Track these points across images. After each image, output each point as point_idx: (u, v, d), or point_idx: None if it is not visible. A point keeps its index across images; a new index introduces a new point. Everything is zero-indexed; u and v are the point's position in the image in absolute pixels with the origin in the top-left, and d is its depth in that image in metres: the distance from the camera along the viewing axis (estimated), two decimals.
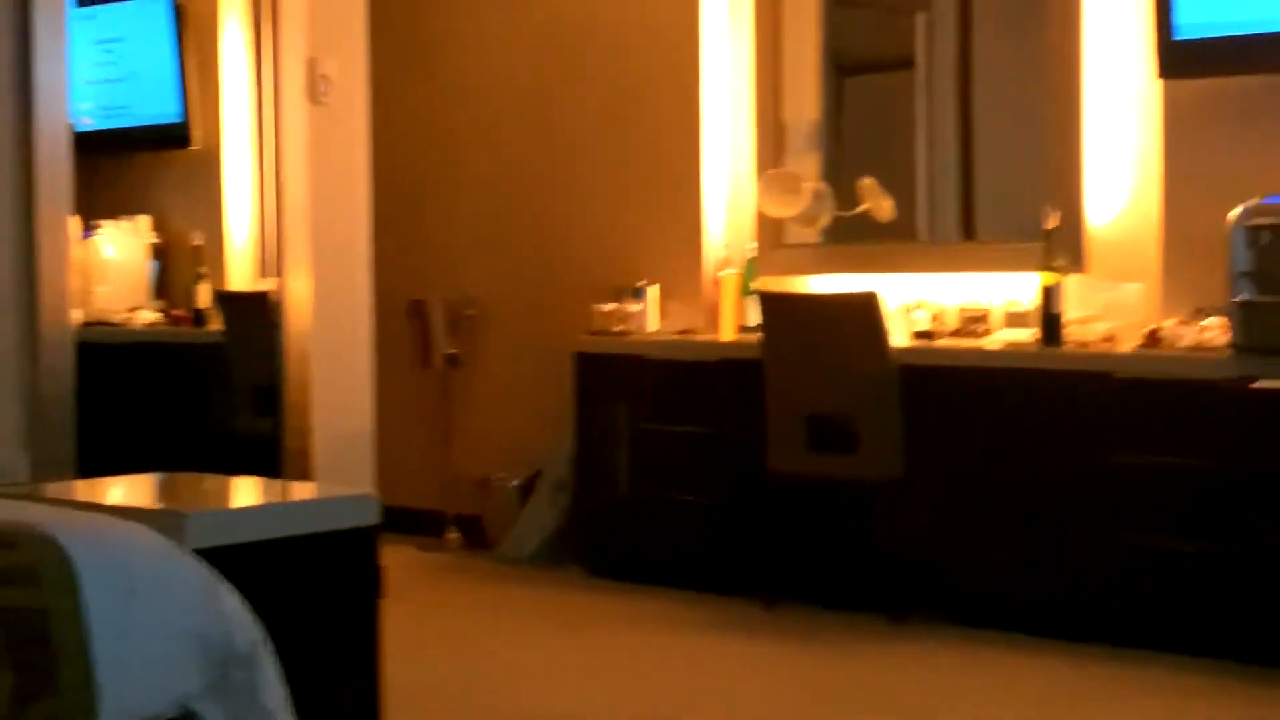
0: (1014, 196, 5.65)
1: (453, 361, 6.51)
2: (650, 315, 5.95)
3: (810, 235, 5.91)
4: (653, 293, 5.97)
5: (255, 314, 5.89)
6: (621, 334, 5.86)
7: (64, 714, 1.88)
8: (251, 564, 2.40)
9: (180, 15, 6.66)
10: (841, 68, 6.07)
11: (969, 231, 5.70)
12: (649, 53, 6.12)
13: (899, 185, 5.76)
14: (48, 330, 4.34)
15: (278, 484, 3.79)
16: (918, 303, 5.48)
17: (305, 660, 2.37)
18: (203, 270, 6.53)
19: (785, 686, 4.38)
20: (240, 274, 6.63)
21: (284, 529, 2.59)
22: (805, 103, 6.04)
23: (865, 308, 5.00)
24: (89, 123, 6.75)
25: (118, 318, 6.60)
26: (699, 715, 4.08)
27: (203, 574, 2.10)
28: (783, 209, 5.79)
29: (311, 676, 2.40)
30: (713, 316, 5.91)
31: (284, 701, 2.16)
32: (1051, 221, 5.09)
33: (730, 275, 5.81)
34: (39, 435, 4.31)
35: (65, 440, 4.39)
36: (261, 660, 2.13)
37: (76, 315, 4.77)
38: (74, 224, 4.84)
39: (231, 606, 2.11)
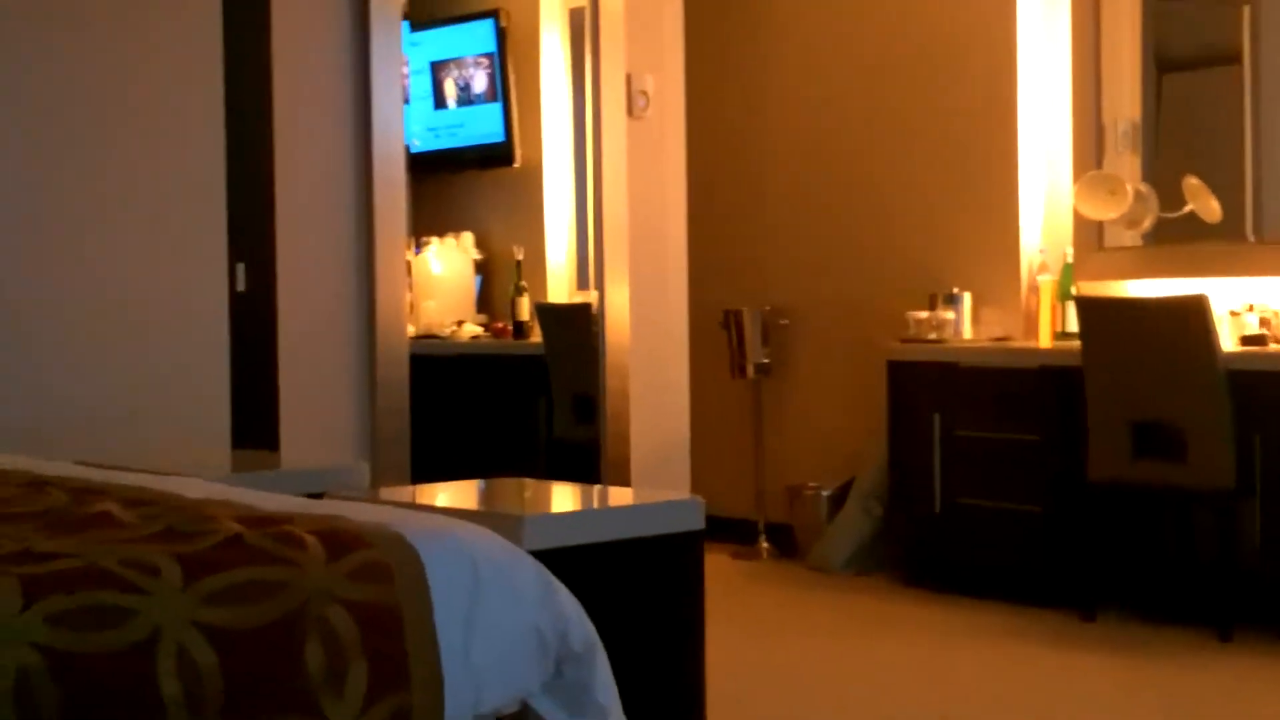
0: None
1: (765, 371, 6.56)
2: (964, 322, 5.89)
3: (1132, 238, 5.76)
4: (967, 299, 5.90)
5: (575, 325, 6.05)
6: (935, 341, 5.81)
7: (415, 708, 1.98)
8: (584, 566, 2.48)
9: (503, 37, 6.90)
10: (1160, 64, 5.90)
11: None
12: (964, 55, 6.06)
13: (1225, 185, 5.56)
14: (385, 344, 4.56)
15: (605, 489, 3.89)
16: (1248, 306, 5.28)
17: (634, 661, 2.44)
18: (523, 284, 6.75)
19: (1104, 700, 4.28)
20: (558, 287, 6.84)
21: (615, 532, 2.67)
22: (1125, 102, 5.88)
23: (1194, 311, 4.85)
24: (416, 144, 7.05)
25: (444, 331, 6.87)
26: None
27: (541, 574, 2.18)
28: (1103, 211, 5.66)
29: (640, 677, 2.47)
30: (1029, 323, 5.82)
31: (616, 700, 2.23)
32: None
33: (1048, 280, 5.70)
34: (378, 445, 4.53)
35: (402, 449, 4.60)
36: (596, 659, 2.20)
37: (407, 329, 4.98)
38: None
39: (568, 606, 2.19)
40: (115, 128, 4.04)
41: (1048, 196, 5.95)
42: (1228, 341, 5.10)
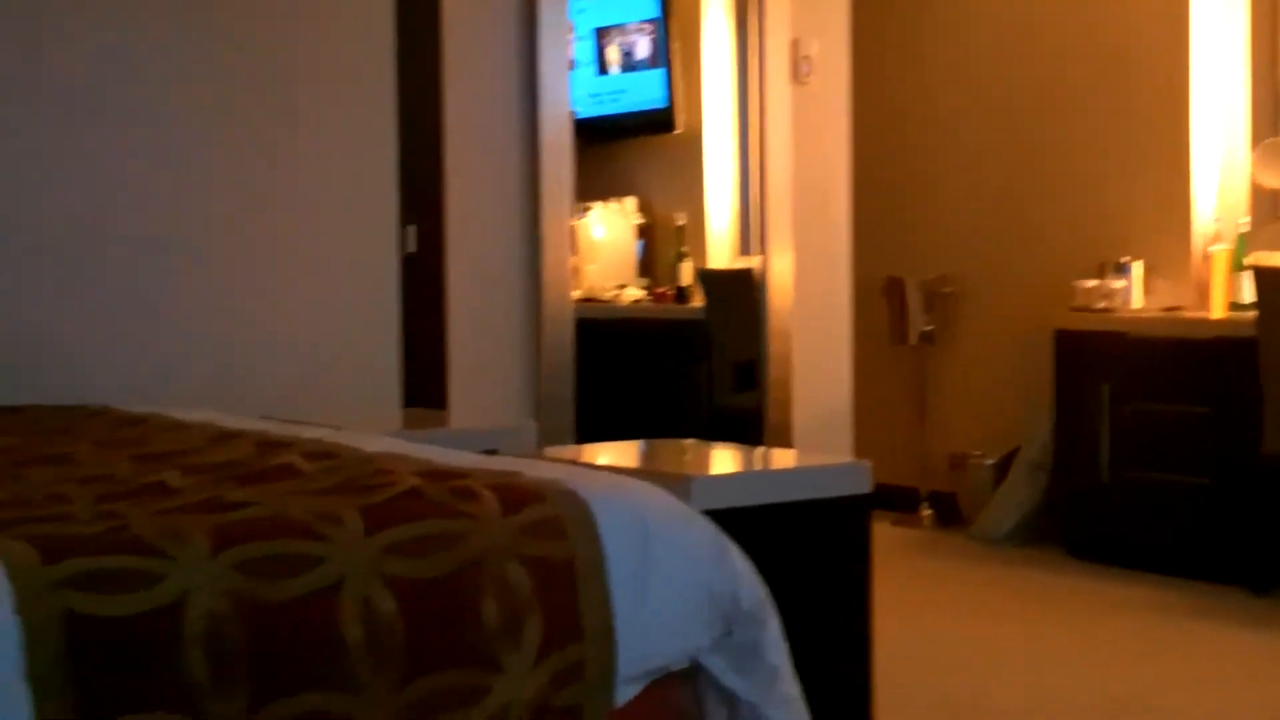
0: None
1: (928, 339, 6.50)
2: (1135, 292, 5.78)
3: None
4: (1137, 268, 5.79)
5: (738, 291, 6.04)
6: (1104, 311, 5.71)
7: (587, 660, 2.00)
8: (751, 527, 2.48)
9: (666, 3, 6.90)
10: None
11: None
12: (1136, 19, 5.93)
13: None
14: (551, 307, 4.61)
15: (769, 451, 3.89)
16: None
17: (801, 623, 2.44)
18: (685, 249, 6.76)
19: (1272, 676, 4.18)
20: (719, 252, 6.83)
21: (783, 494, 2.67)
22: None
23: None
24: (578, 110, 7.08)
25: (606, 295, 6.91)
26: (1180, 702, 3.95)
27: (712, 533, 2.19)
28: None
29: (807, 639, 2.47)
30: (1201, 293, 5.69)
31: (787, 660, 2.23)
32: None
33: (1221, 250, 5.57)
34: (543, 406, 4.58)
35: (566, 410, 4.65)
36: (766, 619, 2.20)
37: (571, 293, 5.02)
38: None
39: (739, 566, 2.20)
40: (288, 90, 4.12)
41: (1222, 164, 5.80)
42: None
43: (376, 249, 4.24)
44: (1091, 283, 5.78)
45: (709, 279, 6.40)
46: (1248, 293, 5.28)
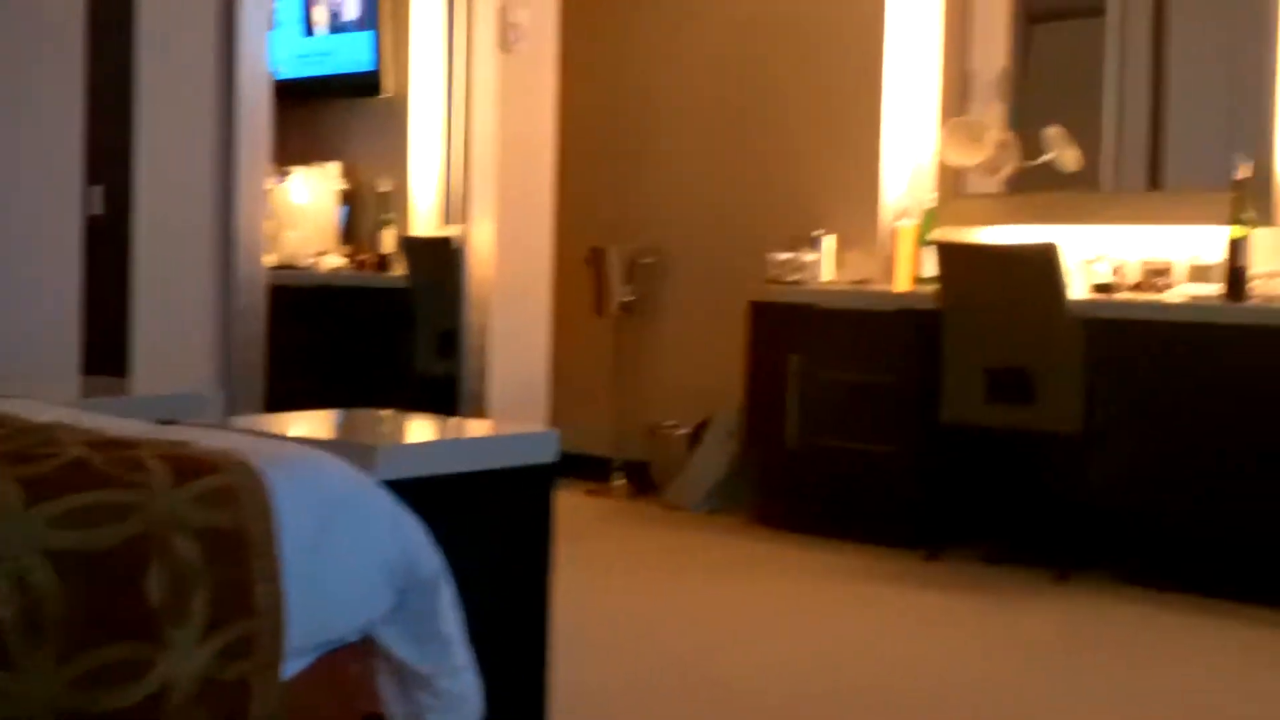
0: (1205, 146, 5.52)
1: (628, 309, 6.58)
2: (826, 265, 5.96)
3: (992, 185, 5.86)
4: (829, 242, 5.97)
5: (440, 259, 6.01)
6: (796, 283, 5.87)
7: (256, 635, 1.97)
8: (435, 496, 2.48)
9: None
10: (1031, 15, 5.98)
11: (1156, 181, 5.59)
12: (834, 3, 6.10)
13: (1085, 135, 5.67)
14: (242, 273, 4.50)
15: (460, 421, 3.89)
16: (1099, 256, 5.41)
17: (481, 592, 2.45)
18: (389, 216, 6.69)
19: (941, 638, 4.36)
20: (424, 220, 6.78)
21: (468, 464, 2.67)
22: (993, 51, 5.97)
23: (1044, 259, 4.95)
24: (280, 70, 6.91)
25: (305, 261, 6.79)
26: (855, 664, 4.10)
27: (390, 504, 2.19)
28: (966, 158, 5.75)
29: (486, 608, 2.48)
30: (889, 267, 5.90)
31: (460, 629, 2.24)
32: (1243, 172, 4.98)
33: (908, 226, 5.78)
34: (234, 374, 4.48)
35: (257, 379, 4.55)
36: (441, 589, 2.21)
37: (267, 259, 4.92)
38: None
39: (415, 536, 2.19)
40: None
41: (913, 143, 6.02)
42: (1080, 289, 5.21)
43: (57, 208, 4.07)
44: (785, 255, 5.93)
45: (411, 247, 6.35)
46: (932, 266, 5.49)
